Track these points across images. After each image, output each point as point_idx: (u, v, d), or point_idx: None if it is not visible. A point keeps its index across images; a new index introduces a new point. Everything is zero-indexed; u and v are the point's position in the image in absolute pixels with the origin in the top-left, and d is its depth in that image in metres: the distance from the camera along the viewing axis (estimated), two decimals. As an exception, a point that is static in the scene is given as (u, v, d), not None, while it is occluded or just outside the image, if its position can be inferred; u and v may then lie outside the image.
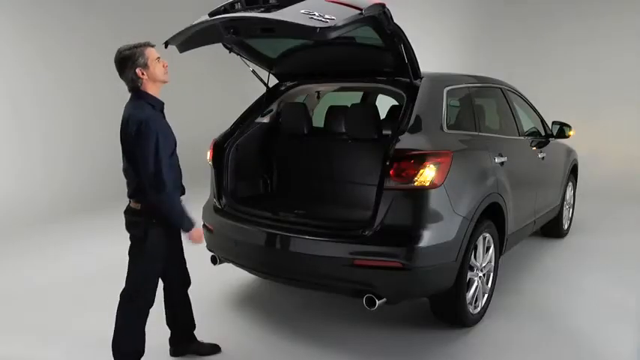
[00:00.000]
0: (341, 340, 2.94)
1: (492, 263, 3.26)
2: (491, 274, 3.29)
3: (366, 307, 2.61)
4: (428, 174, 2.60)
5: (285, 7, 2.47)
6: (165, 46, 2.89)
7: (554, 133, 4.55)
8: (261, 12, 2.52)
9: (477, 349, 2.87)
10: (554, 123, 4.58)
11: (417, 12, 8.88)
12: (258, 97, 3.70)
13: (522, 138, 4.04)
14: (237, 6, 2.69)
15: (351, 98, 4.27)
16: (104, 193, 6.82)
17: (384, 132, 3.20)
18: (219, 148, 3.39)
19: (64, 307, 3.36)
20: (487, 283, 3.25)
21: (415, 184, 2.59)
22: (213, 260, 3.26)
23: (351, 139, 3.38)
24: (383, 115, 3.91)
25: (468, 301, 2.98)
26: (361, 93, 4.64)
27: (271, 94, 3.63)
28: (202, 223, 3.39)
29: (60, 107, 6.78)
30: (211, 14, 2.80)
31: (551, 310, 3.39)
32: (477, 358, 2.79)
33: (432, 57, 8.49)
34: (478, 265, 3.08)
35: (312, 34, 2.27)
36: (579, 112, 7.35)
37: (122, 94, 2.40)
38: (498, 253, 3.35)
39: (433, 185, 2.62)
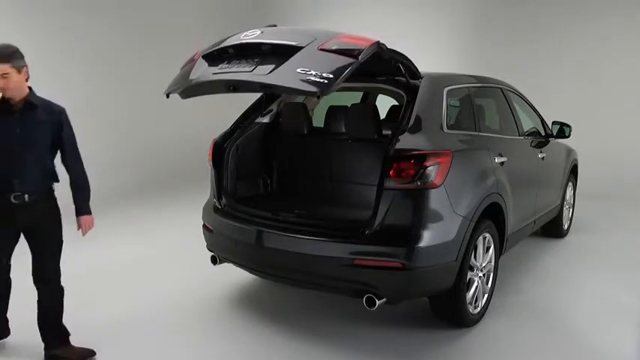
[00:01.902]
0: (341, 340, 2.94)
1: (492, 263, 3.26)
2: (491, 274, 3.29)
3: (366, 307, 2.61)
4: (428, 174, 2.60)
5: (279, 56, 2.44)
6: (167, 97, 2.91)
7: (554, 133, 4.55)
8: (257, 62, 2.50)
9: (477, 349, 2.87)
10: (554, 123, 4.59)
11: (417, 13, 8.89)
12: (258, 96, 3.70)
13: (522, 138, 4.04)
14: (230, 51, 2.70)
15: (351, 98, 4.27)
16: (103, 192, 6.82)
17: (384, 132, 3.20)
18: (219, 148, 3.38)
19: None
20: (487, 283, 3.26)
21: (415, 184, 2.59)
22: (213, 260, 3.26)
23: (351, 139, 3.38)
24: (383, 115, 3.91)
25: (467, 301, 2.98)
26: (361, 93, 4.64)
27: (271, 94, 3.63)
28: (203, 223, 3.40)
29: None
30: (205, 56, 2.80)
31: (551, 309, 3.39)
32: (476, 358, 2.79)
33: (432, 57, 8.50)
34: (478, 265, 3.08)
35: (312, 96, 2.27)
36: (579, 112, 7.34)
37: (121, 94, 2.40)
38: (498, 253, 3.35)
39: (433, 185, 2.62)
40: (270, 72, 2.40)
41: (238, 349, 2.85)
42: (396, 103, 4.28)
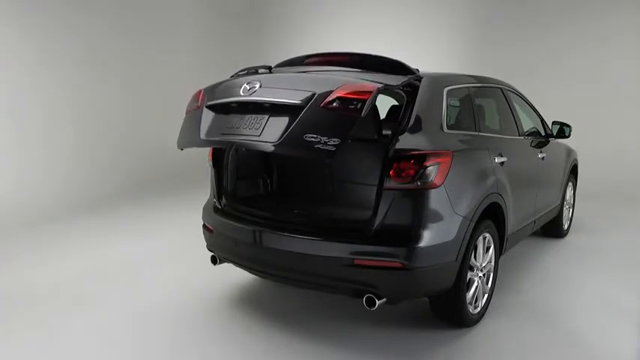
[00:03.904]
0: (341, 339, 2.94)
1: (492, 263, 3.26)
2: (491, 274, 3.29)
3: (366, 307, 2.61)
4: (428, 174, 2.60)
5: (283, 114, 2.53)
6: (181, 149, 3.03)
7: (554, 133, 4.55)
8: (262, 122, 2.60)
9: (477, 349, 2.87)
10: (554, 123, 4.59)
11: (417, 12, 8.89)
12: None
13: (522, 138, 4.04)
14: (234, 105, 2.79)
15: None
16: (103, 192, 6.83)
17: (384, 132, 3.20)
18: (220, 148, 3.38)
19: (64, 307, 3.36)
20: (487, 283, 3.26)
21: (415, 184, 2.59)
22: (213, 260, 3.26)
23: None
24: (383, 115, 3.91)
25: (467, 301, 2.98)
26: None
27: None
28: (203, 223, 3.40)
29: (59, 107, 6.78)
30: (209, 106, 2.91)
31: (551, 309, 3.39)
32: (476, 357, 2.79)
33: (432, 57, 8.51)
34: (478, 265, 3.08)
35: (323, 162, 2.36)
36: (579, 112, 7.35)
37: (122, 94, 2.40)
38: (498, 253, 3.35)
39: (433, 185, 2.62)
40: (279, 140, 2.49)
41: (238, 349, 2.85)
42: (396, 103, 4.28)
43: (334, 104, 2.45)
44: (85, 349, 2.83)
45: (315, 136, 2.40)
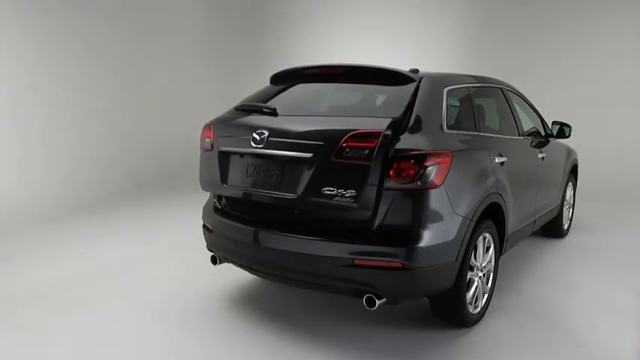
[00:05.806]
0: (341, 340, 2.95)
1: (492, 263, 3.26)
2: (491, 274, 3.30)
3: (366, 307, 2.61)
4: (428, 174, 2.60)
5: (297, 165, 2.71)
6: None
7: (554, 133, 4.55)
8: (277, 173, 2.79)
9: (477, 348, 2.87)
10: (554, 123, 4.59)
11: (417, 12, 8.90)
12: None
13: (522, 138, 4.04)
14: (247, 155, 2.97)
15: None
16: (103, 192, 6.83)
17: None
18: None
19: (64, 307, 3.37)
20: (487, 283, 3.26)
21: (415, 184, 2.59)
22: (213, 260, 3.26)
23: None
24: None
25: (467, 301, 2.98)
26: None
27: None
28: (203, 223, 3.40)
29: (59, 107, 6.79)
30: (221, 152, 3.11)
31: (551, 309, 3.39)
32: (476, 357, 2.79)
33: (433, 57, 8.51)
34: (478, 265, 3.08)
35: None
36: (579, 112, 7.35)
37: (122, 94, 2.40)
38: (498, 253, 3.36)
39: (433, 185, 2.62)
40: (299, 195, 2.70)
41: (239, 350, 2.85)
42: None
43: (344, 154, 2.60)
44: (85, 349, 2.83)
45: (332, 189, 2.60)
